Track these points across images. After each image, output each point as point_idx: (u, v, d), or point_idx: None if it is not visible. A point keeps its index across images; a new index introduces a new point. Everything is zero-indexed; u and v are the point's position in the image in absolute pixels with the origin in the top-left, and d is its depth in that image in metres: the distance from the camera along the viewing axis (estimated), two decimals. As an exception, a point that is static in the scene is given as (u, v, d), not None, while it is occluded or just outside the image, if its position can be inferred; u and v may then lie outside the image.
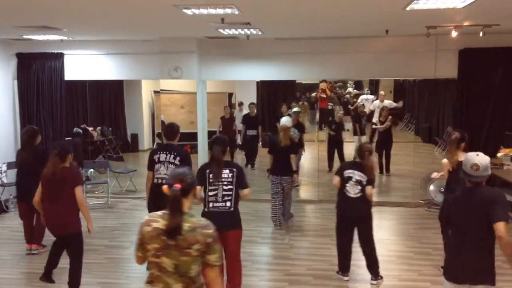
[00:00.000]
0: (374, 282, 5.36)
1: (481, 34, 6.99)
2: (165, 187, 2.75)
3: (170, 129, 5.74)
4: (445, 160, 5.55)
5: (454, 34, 7.06)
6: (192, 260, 2.71)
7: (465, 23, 6.65)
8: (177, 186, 2.70)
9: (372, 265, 5.39)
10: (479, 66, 7.98)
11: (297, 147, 7.44)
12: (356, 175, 5.27)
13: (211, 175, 4.64)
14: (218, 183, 4.62)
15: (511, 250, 3.34)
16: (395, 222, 7.83)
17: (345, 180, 5.31)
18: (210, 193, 4.63)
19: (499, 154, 8.51)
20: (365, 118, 11.52)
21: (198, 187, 2.93)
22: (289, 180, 7.18)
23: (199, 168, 4.87)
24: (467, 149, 5.20)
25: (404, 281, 5.45)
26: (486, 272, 3.48)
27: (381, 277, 5.39)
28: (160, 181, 5.39)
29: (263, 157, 12.63)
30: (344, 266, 5.48)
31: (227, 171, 4.65)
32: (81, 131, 11.70)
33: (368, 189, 5.24)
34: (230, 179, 4.63)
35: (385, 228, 7.36)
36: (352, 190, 5.28)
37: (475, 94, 8.10)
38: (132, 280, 5.58)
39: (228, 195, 4.62)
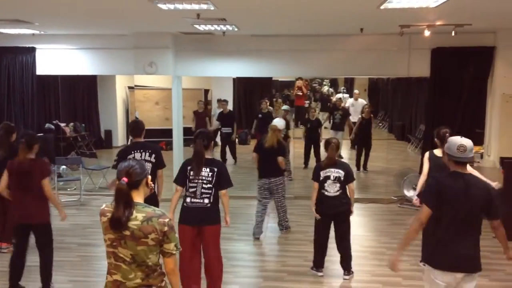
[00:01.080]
0: (347, 277, 5.44)
1: (453, 34, 7.13)
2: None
3: (135, 126, 5.58)
4: (426, 154, 5.63)
5: (427, 33, 7.18)
6: (149, 250, 2.74)
7: (438, 23, 6.77)
8: (124, 179, 2.73)
9: (346, 260, 5.46)
10: (451, 65, 8.14)
11: (285, 149, 6.83)
12: (334, 172, 5.31)
13: (191, 172, 4.59)
14: (197, 180, 4.57)
15: (504, 236, 3.52)
16: (369, 219, 7.93)
17: (323, 180, 5.34)
18: (190, 189, 4.61)
19: (469, 152, 8.69)
20: (341, 112, 11.59)
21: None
22: (278, 181, 6.72)
23: (182, 164, 4.81)
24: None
25: (377, 276, 5.53)
26: (478, 259, 3.54)
27: (352, 272, 5.47)
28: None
29: (242, 154, 12.66)
30: (319, 262, 5.53)
31: (208, 170, 4.56)
32: (53, 127, 11.47)
33: (351, 185, 5.34)
34: (209, 178, 4.56)
35: (358, 224, 7.44)
36: (331, 189, 5.31)
37: (446, 92, 8.25)
38: (104, 278, 5.47)
39: (207, 193, 4.57)
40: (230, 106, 13.94)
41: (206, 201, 4.57)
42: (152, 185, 4.54)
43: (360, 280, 5.45)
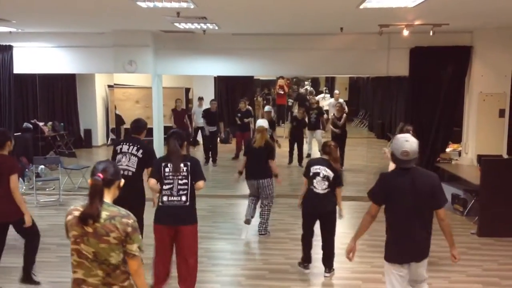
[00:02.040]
0: (328, 274, 5.48)
1: (431, 33, 7.24)
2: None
3: (136, 123, 5.69)
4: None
5: (405, 33, 7.27)
6: (110, 248, 2.78)
7: (416, 22, 6.87)
8: (100, 175, 2.81)
9: (329, 258, 5.50)
10: (429, 64, 8.27)
11: (274, 150, 6.72)
12: (323, 170, 5.36)
13: (166, 169, 4.57)
14: (173, 177, 4.55)
15: (450, 231, 3.75)
16: (349, 216, 7.95)
17: (312, 177, 5.39)
18: (165, 187, 4.55)
19: (448, 149, 8.85)
20: (316, 111, 11.69)
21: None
22: (266, 183, 6.59)
23: (154, 162, 4.78)
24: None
25: (357, 273, 5.58)
26: (428, 247, 3.74)
27: (333, 270, 5.52)
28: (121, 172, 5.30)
29: (224, 152, 12.65)
30: (307, 258, 5.59)
31: (182, 165, 4.56)
32: (31, 126, 11.30)
33: (337, 190, 5.40)
34: (185, 173, 4.54)
35: (338, 222, 7.47)
36: (320, 186, 5.35)
37: (425, 91, 8.38)
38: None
39: (183, 189, 4.54)
40: (211, 105, 13.89)
41: (184, 198, 4.53)
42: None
43: (341, 277, 5.49)
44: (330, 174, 5.34)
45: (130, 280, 2.93)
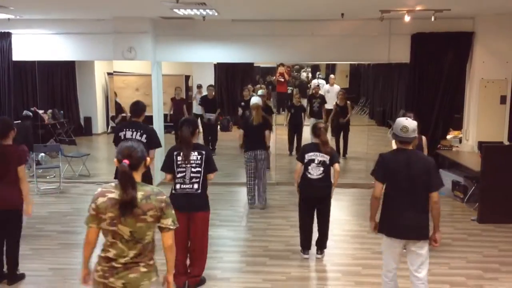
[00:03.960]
0: (319, 255, 5.62)
1: (432, 19, 7.17)
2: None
3: (135, 106, 5.83)
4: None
5: (407, 18, 7.20)
6: (147, 226, 2.87)
7: (418, 8, 6.80)
8: (126, 161, 2.84)
9: (323, 240, 5.63)
10: (430, 51, 8.20)
11: (270, 123, 7.66)
12: (319, 156, 5.38)
13: (179, 157, 4.60)
14: (186, 165, 4.58)
15: (439, 214, 3.91)
16: (350, 203, 8.00)
17: (307, 163, 5.40)
18: (178, 175, 4.60)
19: (448, 136, 8.83)
20: (319, 100, 11.56)
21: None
22: (263, 155, 7.31)
23: (167, 151, 4.80)
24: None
25: (358, 260, 5.60)
26: (426, 228, 3.88)
27: (324, 251, 5.66)
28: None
29: (224, 141, 12.63)
30: (305, 244, 5.63)
31: (196, 153, 4.61)
32: (31, 114, 11.26)
33: (336, 166, 5.41)
34: (198, 162, 4.60)
35: (340, 208, 7.52)
36: (315, 172, 5.39)
37: (426, 78, 8.33)
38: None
39: (196, 177, 4.59)
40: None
41: (196, 186, 4.59)
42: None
43: (341, 263, 5.52)
44: (326, 158, 5.38)
45: (154, 258, 3.02)
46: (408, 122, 3.87)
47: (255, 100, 7.51)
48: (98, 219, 2.86)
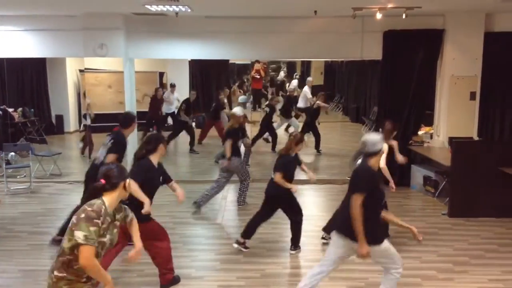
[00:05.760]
0: (293, 252, 5.73)
1: (404, 16, 7.26)
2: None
3: (123, 120, 5.74)
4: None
5: (379, 16, 7.28)
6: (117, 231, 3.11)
7: (389, 5, 6.87)
8: (102, 181, 3.01)
9: (293, 237, 5.74)
10: (402, 48, 8.30)
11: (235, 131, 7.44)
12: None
13: None
14: None
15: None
16: (323, 199, 8.06)
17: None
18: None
19: (420, 132, 8.96)
20: (294, 101, 11.78)
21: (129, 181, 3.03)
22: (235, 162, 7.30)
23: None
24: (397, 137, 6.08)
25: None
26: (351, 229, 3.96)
27: (299, 247, 5.75)
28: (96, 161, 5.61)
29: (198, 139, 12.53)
30: (246, 234, 5.75)
31: None
32: (0, 112, 11.01)
33: (276, 176, 5.52)
34: None
35: (313, 204, 7.56)
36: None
37: (398, 74, 8.43)
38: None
39: None
40: (186, 89, 13.75)
41: None
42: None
43: (315, 259, 5.53)
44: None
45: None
46: (367, 137, 4.19)
47: (238, 111, 7.47)
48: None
